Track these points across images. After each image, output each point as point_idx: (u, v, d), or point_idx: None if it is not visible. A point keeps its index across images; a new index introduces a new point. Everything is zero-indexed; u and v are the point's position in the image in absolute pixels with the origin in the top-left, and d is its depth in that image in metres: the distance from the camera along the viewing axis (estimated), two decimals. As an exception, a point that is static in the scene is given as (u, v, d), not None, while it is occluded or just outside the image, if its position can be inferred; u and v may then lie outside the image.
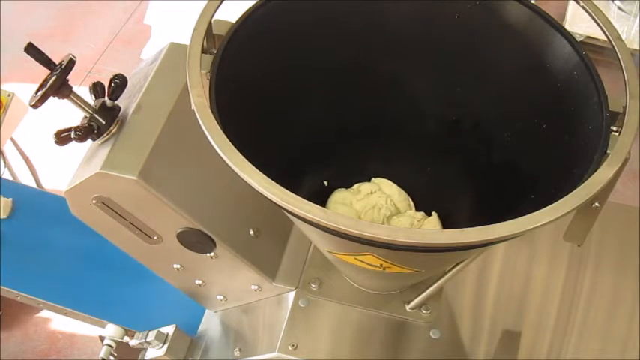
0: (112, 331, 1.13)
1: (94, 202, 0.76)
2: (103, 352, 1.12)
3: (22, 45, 0.71)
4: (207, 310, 1.03)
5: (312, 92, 0.78)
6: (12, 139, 1.73)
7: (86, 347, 1.75)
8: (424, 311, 0.78)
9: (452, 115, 0.80)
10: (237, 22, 0.63)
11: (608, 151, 0.55)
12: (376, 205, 0.79)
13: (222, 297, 0.95)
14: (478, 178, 0.78)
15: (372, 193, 0.80)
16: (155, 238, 0.81)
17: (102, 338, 1.14)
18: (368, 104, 0.81)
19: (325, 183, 0.85)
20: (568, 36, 0.65)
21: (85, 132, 0.73)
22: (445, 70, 0.78)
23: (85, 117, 0.76)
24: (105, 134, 0.76)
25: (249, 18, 0.65)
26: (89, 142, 0.76)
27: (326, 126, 0.80)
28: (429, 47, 0.77)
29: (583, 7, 0.65)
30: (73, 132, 0.72)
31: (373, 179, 0.84)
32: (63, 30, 2.54)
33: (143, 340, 0.98)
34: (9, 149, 1.79)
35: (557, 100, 0.66)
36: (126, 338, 1.10)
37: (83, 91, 0.72)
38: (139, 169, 0.71)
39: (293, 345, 0.79)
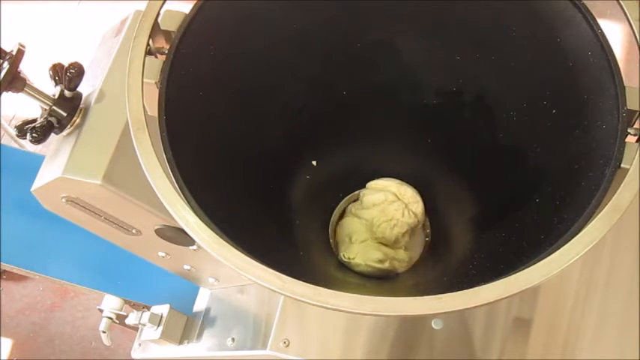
0: (110, 302, 1.11)
1: (63, 200, 0.71)
2: (103, 324, 1.10)
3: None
4: (203, 285, 0.99)
5: (294, 72, 0.69)
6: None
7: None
8: (425, 301, 0.73)
9: (452, 86, 0.72)
10: (192, 10, 0.55)
11: (623, 165, 0.47)
12: (392, 218, 0.72)
13: (214, 279, 0.91)
14: (482, 164, 0.70)
15: (385, 200, 0.73)
16: (134, 232, 0.76)
17: (101, 311, 1.12)
18: (360, 77, 0.73)
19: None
20: (583, 10, 0.55)
21: (42, 132, 0.66)
22: (443, 37, 0.69)
23: (44, 109, 0.69)
24: (68, 126, 0.69)
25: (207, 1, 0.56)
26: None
27: (315, 112, 0.73)
28: (425, 10, 0.68)
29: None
30: (29, 134, 0.65)
31: (377, 182, 0.77)
32: None
33: (137, 322, 0.95)
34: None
35: (569, 83, 0.58)
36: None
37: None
38: (102, 171, 0.64)
39: (285, 342, 0.74)
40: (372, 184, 0.76)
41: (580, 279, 0.75)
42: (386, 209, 0.72)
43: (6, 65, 0.64)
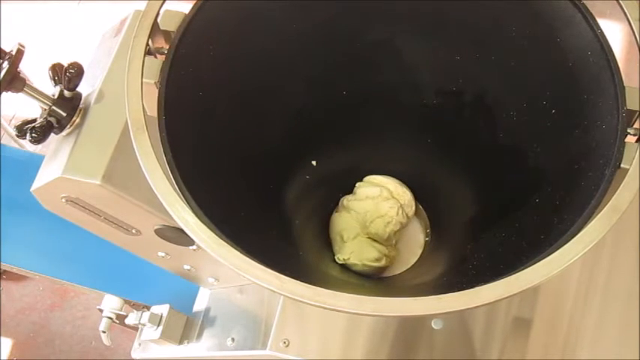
0: (110, 302, 1.11)
1: (63, 200, 0.71)
2: (103, 324, 1.10)
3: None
4: (203, 285, 0.99)
5: (294, 72, 0.69)
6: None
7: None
8: (425, 301, 0.73)
9: (452, 86, 0.72)
10: (192, 10, 0.55)
11: (623, 165, 0.47)
12: (386, 214, 0.72)
13: (213, 279, 0.91)
14: (482, 164, 0.70)
15: (379, 195, 0.73)
16: (134, 232, 0.76)
17: (101, 311, 1.12)
18: (360, 77, 0.73)
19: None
20: (583, 10, 0.55)
21: (42, 132, 0.66)
22: (442, 37, 0.69)
23: (44, 109, 0.69)
24: (68, 126, 0.69)
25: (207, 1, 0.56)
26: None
27: (315, 112, 0.72)
28: (425, 10, 0.68)
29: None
30: (28, 134, 0.65)
31: (375, 177, 0.77)
32: None
33: (137, 322, 0.95)
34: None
35: (569, 83, 0.58)
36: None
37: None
38: (102, 171, 0.64)
39: (285, 342, 0.74)
40: (370, 177, 0.76)
41: (580, 279, 0.75)
42: (380, 205, 0.72)
43: (6, 65, 0.64)
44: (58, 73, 0.70)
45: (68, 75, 0.67)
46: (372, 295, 0.38)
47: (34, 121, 0.69)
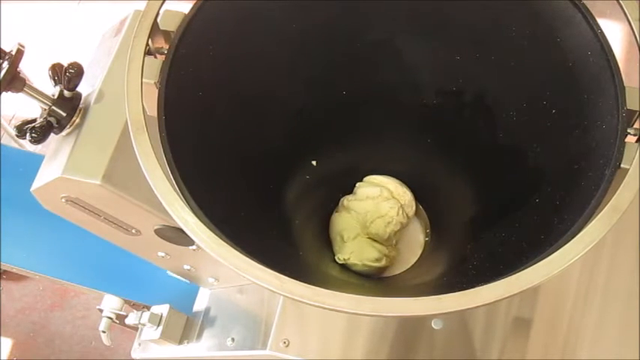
0: (110, 302, 1.10)
1: (63, 200, 0.71)
2: (103, 324, 1.10)
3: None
4: (202, 286, 0.99)
5: (294, 72, 0.69)
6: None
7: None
8: (425, 300, 0.73)
9: (452, 86, 0.72)
10: (191, 10, 0.55)
11: (623, 165, 0.47)
12: (386, 214, 0.72)
13: (213, 279, 0.91)
14: (482, 164, 0.70)
15: (379, 195, 0.73)
16: (134, 232, 0.76)
17: (101, 311, 1.12)
18: (360, 77, 0.73)
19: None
20: (583, 10, 0.55)
21: (42, 132, 0.66)
22: (442, 37, 0.69)
23: (44, 109, 0.69)
24: (68, 126, 0.69)
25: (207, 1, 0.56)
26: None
27: (315, 112, 0.72)
28: (425, 10, 0.68)
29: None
30: (28, 134, 0.65)
31: (375, 177, 0.77)
32: None
33: (137, 322, 0.95)
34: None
35: (569, 83, 0.58)
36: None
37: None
38: (102, 171, 0.65)
39: (285, 342, 0.74)
40: (371, 177, 0.76)
41: (580, 279, 0.75)
42: (380, 205, 0.72)
43: (5, 65, 0.64)
44: (58, 73, 0.70)
45: (68, 75, 0.67)
46: (372, 295, 0.38)
47: (34, 121, 0.69)
